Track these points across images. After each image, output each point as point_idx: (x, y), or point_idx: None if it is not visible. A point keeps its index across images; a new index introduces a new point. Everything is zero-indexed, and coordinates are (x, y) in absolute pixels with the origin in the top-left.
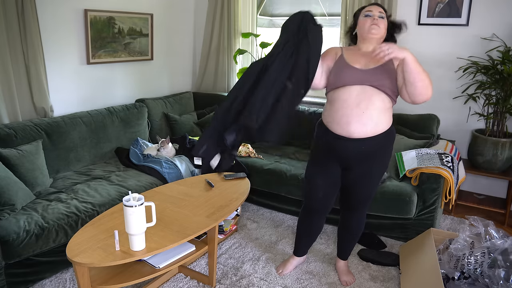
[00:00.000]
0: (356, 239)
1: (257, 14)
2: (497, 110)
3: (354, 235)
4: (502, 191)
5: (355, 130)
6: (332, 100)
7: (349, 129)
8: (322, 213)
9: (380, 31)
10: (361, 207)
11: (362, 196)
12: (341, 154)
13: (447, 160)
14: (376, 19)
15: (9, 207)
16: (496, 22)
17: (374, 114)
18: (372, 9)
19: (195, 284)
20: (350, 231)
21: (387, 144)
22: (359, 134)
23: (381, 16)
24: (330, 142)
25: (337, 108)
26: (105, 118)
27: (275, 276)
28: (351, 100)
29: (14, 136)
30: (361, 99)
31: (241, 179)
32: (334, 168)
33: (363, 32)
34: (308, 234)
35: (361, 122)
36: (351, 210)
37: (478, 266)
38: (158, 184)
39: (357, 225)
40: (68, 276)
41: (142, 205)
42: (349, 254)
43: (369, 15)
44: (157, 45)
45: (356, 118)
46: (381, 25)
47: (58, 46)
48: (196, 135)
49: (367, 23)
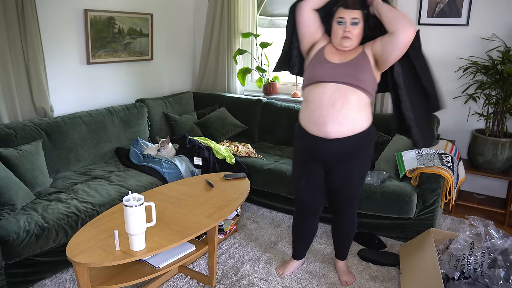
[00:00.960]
0: (350, 239)
1: (257, 14)
2: (497, 110)
3: (347, 235)
4: (502, 191)
5: (331, 130)
6: (307, 99)
7: (325, 130)
8: (314, 214)
9: (353, 42)
10: (349, 207)
11: (348, 197)
12: (320, 155)
13: (447, 160)
14: (347, 30)
15: (9, 207)
16: (496, 22)
17: (350, 113)
18: (344, 15)
19: (195, 284)
20: (342, 232)
21: (368, 142)
22: (336, 134)
23: (354, 22)
24: (309, 143)
25: (313, 108)
26: (105, 118)
27: (275, 276)
28: (326, 99)
29: (14, 136)
30: (336, 98)
31: (241, 179)
32: (316, 169)
33: (335, 41)
34: (304, 236)
35: (337, 122)
36: (340, 211)
37: (478, 266)
38: (158, 184)
39: (348, 226)
40: (68, 276)
41: (142, 205)
42: (346, 254)
43: (340, 23)
44: (157, 45)
45: (332, 118)
46: (354, 35)
47: (58, 46)
48: (196, 135)
49: (338, 34)
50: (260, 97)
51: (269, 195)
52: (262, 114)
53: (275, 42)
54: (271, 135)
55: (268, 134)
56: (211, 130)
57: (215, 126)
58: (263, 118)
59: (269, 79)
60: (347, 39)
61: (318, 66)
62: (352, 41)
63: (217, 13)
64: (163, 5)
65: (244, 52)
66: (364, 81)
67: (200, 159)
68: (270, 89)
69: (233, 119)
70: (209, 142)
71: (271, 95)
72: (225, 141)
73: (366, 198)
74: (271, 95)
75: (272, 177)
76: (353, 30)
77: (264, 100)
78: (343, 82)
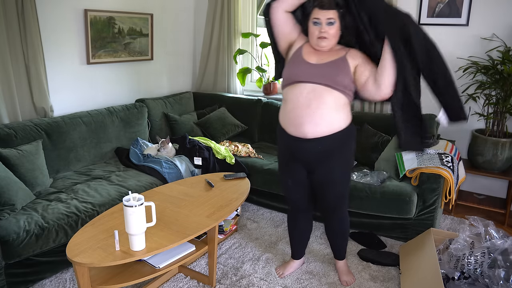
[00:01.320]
0: (344, 239)
1: (257, 14)
2: (497, 110)
3: (340, 235)
4: (502, 191)
5: (308, 130)
6: (285, 100)
7: (303, 130)
8: (305, 212)
9: (330, 42)
10: (337, 208)
11: (333, 197)
12: (300, 155)
13: (447, 160)
14: (323, 31)
15: (9, 207)
16: (496, 22)
17: (326, 113)
18: (319, 15)
19: (195, 284)
20: (334, 232)
21: (346, 142)
22: (313, 134)
23: (330, 22)
24: (289, 144)
25: (290, 109)
26: (105, 118)
27: (275, 276)
28: (302, 100)
29: (14, 136)
30: (311, 98)
31: (241, 179)
32: (298, 169)
33: (312, 41)
34: (298, 234)
35: (313, 122)
36: (328, 211)
37: (478, 266)
38: (158, 184)
39: (339, 226)
40: (68, 276)
41: (142, 205)
42: (344, 253)
43: (316, 23)
44: (157, 45)
45: (308, 119)
46: (330, 34)
47: (58, 46)
48: (196, 135)
49: (315, 35)
50: (260, 97)
51: (269, 195)
52: (262, 114)
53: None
54: (271, 135)
55: (268, 134)
56: (211, 130)
57: (215, 126)
58: (263, 118)
59: (269, 79)
60: (324, 39)
61: (295, 66)
62: (329, 41)
63: (217, 13)
64: (163, 5)
65: (244, 52)
66: (340, 82)
67: (200, 159)
68: (270, 89)
69: (233, 119)
70: (209, 142)
71: (271, 95)
72: (225, 141)
73: (366, 198)
74: (271, 95)
75: (272, 177)
76: (329, 30)
77: (264, 100)
78: (319, 82)
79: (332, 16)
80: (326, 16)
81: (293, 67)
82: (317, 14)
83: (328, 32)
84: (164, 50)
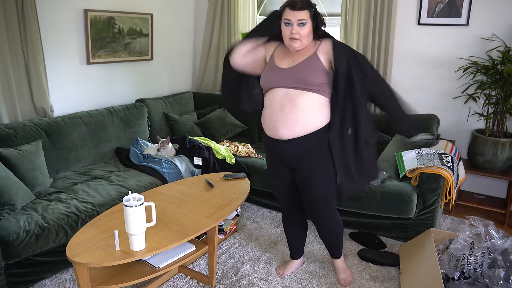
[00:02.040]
0: (335, 238)
1: (257, 14)
2: (497, 110)
3: (330, 234)
4: (502, 191)
5: (283, 133)
6: (264, 105)
7: (278, 133)
8: (297, 210)
9: (302, 43)
10: (322, 206)
11: (316, 197)
12: (280, 155)
13: (447, 160)
14: (295, 32)
15: (9, 207)
16: (496, 22)
17: (300, 116)
18: (290, 17)
19: (195, 284)
20: (324, 232)
21: (324, 140)
22: (289, 136)
23: (301, 23)
24: (270, 145)
25: (266, 114)
26: (105, 118)
27: (275, 276)
28: (275, 105)
29: (14, 136)
30: (284, 103)
31: (241, 179)
32: (282, 169)
33: (285, 42)
34: (293, 233)
35: (287, 125)
36: (313, 210)
37: (478, 266)
38: (158, 184)
39: (327, 225)
40: (68, 276)
41: (142, 205)
42: (339, 252)
43: (288, 24)
44: (157, 45)
45: (281, 123)
46: (301, 35)
47: (58, 46)
48: (196, 135)
49: (286, 35)
50: None
51: (269, 195)
52: None
53: None
54: None
55: None
56: (211, 130)
57: (215, 126)
58: None
59: None
60: (295, 40)
61: (268, 73)
62: (300, 42)
63: (217, 13)
64: (163, 5)
65: None
66: (313, 82)
67: (200, 159)
68: None
69: (233, 119)
70: (209, 142)
71: None
72: (225, 141)
73: (366, 198)
74: None
75: None
76: (300, 30)
77: None
78: (291, 86)
79: (304, 17)
80: (297, 17)
81: (266, 75)
82: (288, 15)
83: (299, 33)
84: (164, 50)
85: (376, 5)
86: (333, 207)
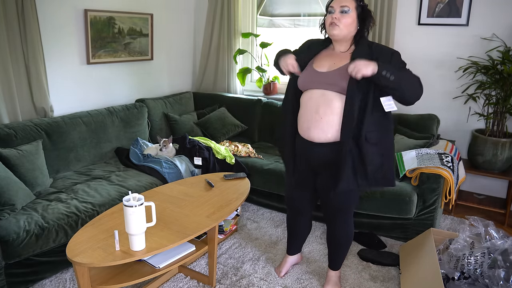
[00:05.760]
0: (343, 249)
1: (257, 14)
2: (497, 110)
3: (340, 244)
4: (502, 191)
5: (314, 136)
6: (300, 104)
7: (309, 135)
8: (303, 214)
9: (341, 31)
10: (340, 215)
11: (336, 204)
12: (307, 157)
13: (447, 160)
14: (336, 18)
15: (9, 207)
16: (496, 22)
17: (334, 120)
18: (334, 4)
19: (195, 284)
20: (334, 241)
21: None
22: (319, 139)
23: (343, 10)
24: (299, 145)
25: (301, 114)
26: (105, 118)
27: (275, 276)
28: (311, 105)
29: (14, 136)
30: (320, 104)
31: (241, 179)
32: (304, 170)
33: (327, 31)
34: (295, 233)
35: (319, 128)
36: (331, 219)
37: (478, 266)
38: (158, 184)
39: (341, 235)
40: (68, 276)
41: (142, 205)
42: (340, 264)
43: (331, 12)
44: (157, 45)
45: (314, 124)
46: (342, 23)
47: (58, 46)
48: (196, 135)
49: (327, 22)
50: (260, 97)
51: (269, 195)
52: (262, 114)
53: (275, 42)
54: (271, 135)
55: (268, 134)
56: (211, 130)
57: (215, 126)
58: (263, 118)
59: (269, 79)
60: (335, 26)
61: (304, 74)
62: (340, 29)
63: (217, 13)
64: (163, 5)
65: (244, 52)
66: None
67: (200, 159)
68: (270, 89)
69: (233, 119)
70: (209, 142)
71: (271, 95)
72: (225, 141)
73: (366, 198)
74: (271, 95)
75: (272, 177)
76: (341, 18)
77: (264, 100)
78: (327, 88)
79: (347, 4)
80: (340, 3)
81: (305, 76)
82: (333, 2)
83: (340, 20)
84: (164, 50)
85: (376, 5)
86: (350, 215)
